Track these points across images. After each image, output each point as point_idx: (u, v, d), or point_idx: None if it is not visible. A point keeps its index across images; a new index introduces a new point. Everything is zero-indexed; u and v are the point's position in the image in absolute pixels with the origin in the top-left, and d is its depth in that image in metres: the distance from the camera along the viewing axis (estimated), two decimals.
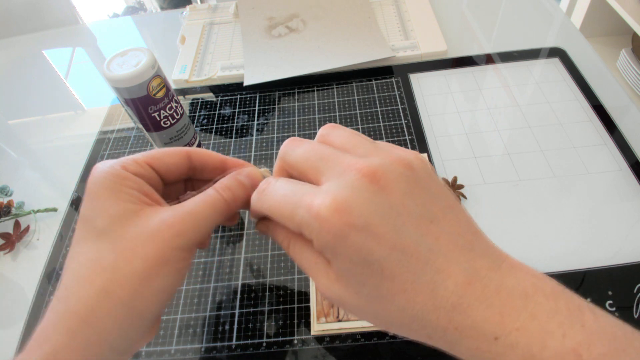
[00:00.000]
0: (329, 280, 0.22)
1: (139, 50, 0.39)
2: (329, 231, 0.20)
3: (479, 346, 0.19)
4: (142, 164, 0.24)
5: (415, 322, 0.20)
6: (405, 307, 0.20)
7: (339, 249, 0.20)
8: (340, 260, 0.21)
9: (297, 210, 0.21)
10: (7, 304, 0.42)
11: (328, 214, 0.20)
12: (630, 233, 0.39)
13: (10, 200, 0.48)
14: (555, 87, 0.53)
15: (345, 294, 0.22)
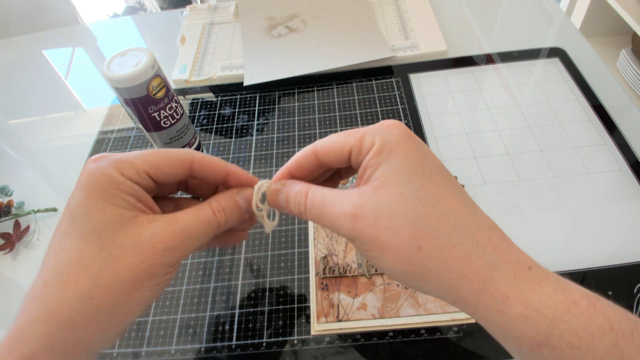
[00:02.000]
0: (363, 195, 0.22)
1: (139, 50, 0.39)
2: (398, 132, 0.23)
3: (517, 272, 0.20)
4: (141, 172, 0.24)
5: (456, 232, 0.21)
6: (448, 213, 0.21)
7: (400, 146, 0.22)
8: (396, 157, 0.22)
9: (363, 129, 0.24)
10: (7, 304, 0.42)
11: (396, 124, 0.23)
12: (630, 233, 0.39)
13: (10, 200, 0.48)
14: (555, 87, 0.53)
15: (385, 199, 0.22)
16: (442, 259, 0.21)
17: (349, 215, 0.22)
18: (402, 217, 0.21)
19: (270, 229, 0.28)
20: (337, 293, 0.38)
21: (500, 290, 0.20)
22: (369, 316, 0.36)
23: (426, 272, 0.21)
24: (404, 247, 0.21)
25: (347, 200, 0.23)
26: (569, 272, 0.37)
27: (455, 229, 0.21)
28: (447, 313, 0.35)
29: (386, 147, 0.22)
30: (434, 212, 0.21)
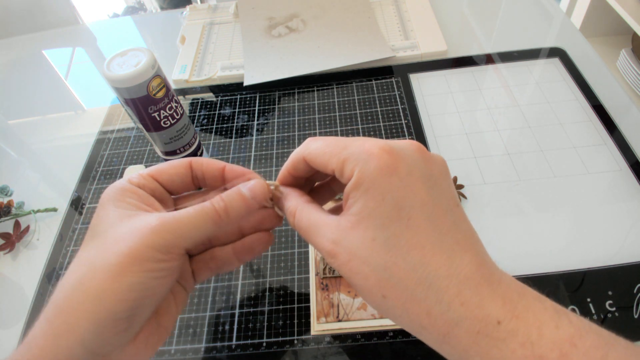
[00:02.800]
0: (341, 231, 0.22)
1: (139, 50, 0.39)
2: (376, 165, 0.21)
3: (481, 329, 0.19)
4: (146, 176, 0.26)
5: (421, 286, 0.20)
6: (417, 265, 0.20)
7: (378, 184, 0.21)
8: (372, 198, 0.21)
9: (346, 150, 0.23)
10: (7, 304, 0.42)
11: (379, 152, 0.22)
12: (630, 233, 0.39)
13: (10, 200, 0.48)
14: (555, 87, 0.53)
15: (358, 241, 0.21)
16: (405, 310, 0.21)
17: (327, 250, 0.23)
18: (371, 264, 0.21)
19: None
20: (337, 293, 0.38)
21: (460, 345, 0.20)
22: (369, 316, 0.36)
23: (392, 316, 0.22)
24: (371, 292, 0.22)
25: (327, 234, 0.23)
26: (569, 272, 0.37)
27: (420, 284, 0.20)
28: None
29: (364, 182, 0.22)
30: (402, 263, 0.21)
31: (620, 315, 0.34)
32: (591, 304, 0.35)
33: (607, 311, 0.34)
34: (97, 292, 0.21)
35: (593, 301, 0.35)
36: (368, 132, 0.51)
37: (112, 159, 0.53)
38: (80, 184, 0.51)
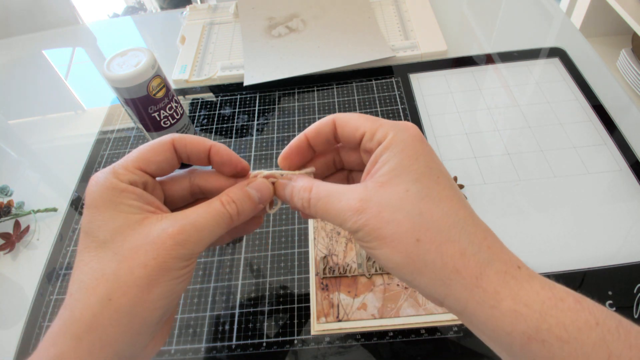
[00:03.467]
0: (369, 190, 0.23)
1: (139, 50, 0.39)
2: (410, 133, 0.24)
3: (507, 270, 0.21)
4: (133, 169, 0.25)
5: (455, 229, 0.22)
6: (449, 212, 0.22)
7: (412, 146, 0.24)
8: (407, 157, 0.23)
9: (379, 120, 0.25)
10: (7, 304, 0.42)
11: (411, 125, 0.25)
12: (630, 233, 0.39)
13: (10, 200, 0.48)
14: (555, 87, 0.53)
15: (390, 194, 0.23)
16: (439, 253, 0.22)
17: (354, 209, 0.23)
18: (405, 211, 0.22)
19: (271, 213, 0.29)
20: (337, 293, 0.38)
21: (491, 285, 0.21)
22: (369, 316, 0.36)
23: (421, 264, 0.22)
24: (403, 238, 0.22)
25: (353, 195, 0.24)
26: (569, 272, 0.37)
27: (454, 227, 0.22)
28: (447, 313, 0.35)
29: (398, 144, 0.24)
30: (436, 210, 0.22)
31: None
32: None
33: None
34: (130, 307, 0.22)
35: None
36: None
37: (112, 159, 0.53)
38: (80, 184, 0.51)
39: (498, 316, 0.21)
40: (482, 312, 0.21)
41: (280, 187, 0.27)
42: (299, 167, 0.28)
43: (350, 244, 0.41)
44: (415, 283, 0.23)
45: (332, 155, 0.30)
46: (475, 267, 0.21)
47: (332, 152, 0.30)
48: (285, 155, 0.28)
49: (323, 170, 0.30)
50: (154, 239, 0.22)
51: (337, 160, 0.30)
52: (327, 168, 0.30)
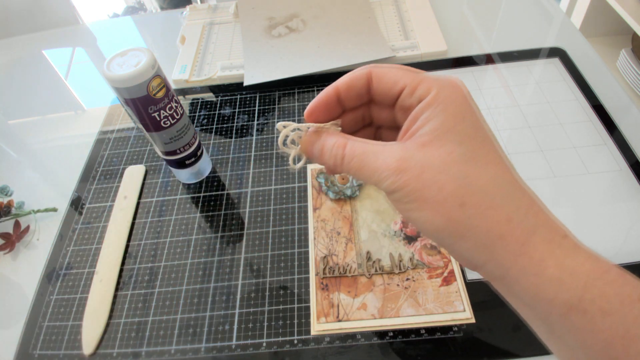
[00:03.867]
0: (408, 150, 0.22)
1: (139, 50, 0.39)
2: (458, 90, 0.23)
3: (553, 238, 0.21)
4: None
5: (501, 194, 0.21)
6: (495, 176, 0.21)
7: (459, 105, 0.22)
8: (452, 116, 0.22)
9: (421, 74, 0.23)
10: (7, 304, 0.42)
11: (455, 80, 0.23)
12: (630, 233, 0.39)
13: (10, 200, 0.48)
14: (555, 87, 0.53)
15: (433, 155, 0.22)
16: (484, 218, 0.21)
17: (393, 168, 0.22)
18: (449, 173, 0.21)
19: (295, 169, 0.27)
20: (337, 293, 0.38)
21: (537, 253, 0.20)
22: (369, 316, 0.36)
23: (464, 229, 0.21)
24: (446, 201, 0.21)
25: (391, 154, 0.23)
26: None
27: (500, 192, 0.21)
28: (447, 313, 0.35)
29: (442, 100, 0.22)
30: (482, 173, 0.21)
31: None
32: None
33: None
34: None
35: None
36: None
37: (112, 159, 0.53)
38: (80, 184, 0.51)
39: (541, 284, 0.20)
40: (525, 279, 0.21)
41: (309, 142, 0.26)
42: (326, 120, 0.26)
43: (351, 244, 0.41)
44: (454, 247, 0.22)
45: (361, 111, 0.28)
46: (521, 234, 0.21)
47: (362, 107, 0.28)
48: (311, 109, 0.26)
49: (350, 127, 0.28)
50: None
51: (365, 116, 0.28)
52: (355, 124, 0.28)
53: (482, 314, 0.35)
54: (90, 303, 0.40)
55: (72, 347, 0.38)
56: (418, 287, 0.37)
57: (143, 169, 0.51)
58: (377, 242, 0.40)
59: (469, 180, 0.21)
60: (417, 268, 0.38)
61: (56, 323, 0.39)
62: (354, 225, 0.42)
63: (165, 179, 0.50)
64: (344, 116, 0.27)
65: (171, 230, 0.45)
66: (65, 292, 0.41)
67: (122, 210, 0.46)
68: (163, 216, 0.46)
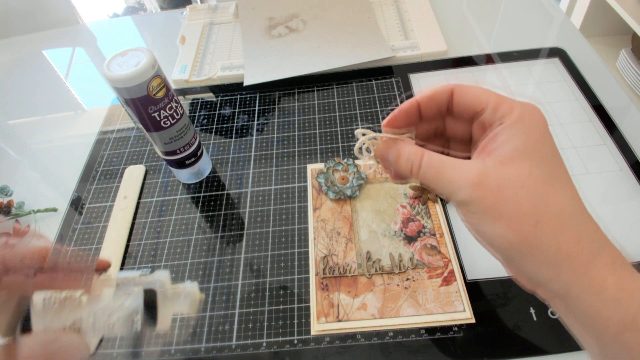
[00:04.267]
0: (487, 166, 0.23)
1: (139, 50, 0.39)
2: (539, 115, 0.24)
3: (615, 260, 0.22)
4: None
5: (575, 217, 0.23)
6: (571, 199, 0.23)
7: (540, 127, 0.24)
8: (533, 137, 0.23)
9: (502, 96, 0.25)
10: None
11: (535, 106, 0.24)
12: (630, 233, 0.39)
13: (10, 200, 0.48)
14: (555, 87, 0.53)
15: (512, 173, 0.23)
16: (555, 237, 0.22)
17: (470, 181, 0.23)
18: (528, 192, 0.23)
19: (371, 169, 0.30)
20: (337, 293, 0.38)
21: (599, 274, 0.22)
22: (369, 316, 0.36)
23: (535, 247, 0.22)
24: (522, 219, 0.22)
25: (470, 168, 0.24)
26: None
27: (574, 215, 0.23)
28: (447, 313, 0.35)
29: (524, 122, 0.23)
30: (560, 195, 0.23)
31: None
32: None
33: None
34: None
35: None
36: None
37: (112, 159, 0.53)
38: (80, 184, 0.51)
39: (599, 303, 0.22)
40: (585, 298, 0.22)
41: (385, 149, 0.27)
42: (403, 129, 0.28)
43: (351, 244, 0.41)
44: (521, 263, 0.23)
45: (436, 123, 0.29)
46: (587, 255, 0.22)
47: (437, 119, 0.29)
48: (393, 117, 0.27)
49: (422, 137, 0.30)
50: None
51: (439, 128, 0.29)
52: (427, 135, 0.30)
53: (482, 314, 0.35)
54: None
55: None
56: (418, 287, 0.37)
57: (143, 169, 0.51)
58: (377, 242, 0.40)
59: (547, 201, 0.22)
60: (417, 268, 0.38)
61: None
62: (354, 225, 0.42)
63: (165, 179, 0.50)
64: (420, 126, 0.29)
65: (171, 230, 0.45)
66: None
67: (122, 210, 0.46)
68: (163, 216, 0.46)
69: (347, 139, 0.50)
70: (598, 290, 0.22)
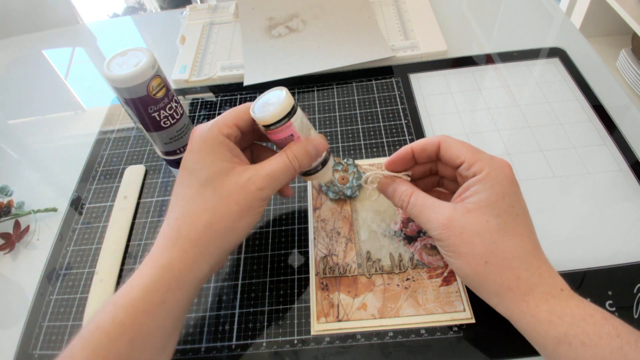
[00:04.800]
0: (457, 212, 0.29)
1: (139, 50, 0.39)
2: (505, 173, 0.30)
3: (550, 291, 0.28)
4: (232, 125, 0.32)
5: (517, 259, 0.28)
6: (517, 245, 0.29)
7: (502, 186, 0.29)
8: (495, 194, 0.29)
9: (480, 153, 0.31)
10: (7, 304, 0.42)
11: (507, 166, 0.30)
12: (630, 233, 0.39)
13: (10, 200, 0.48)
14: (555, 87, 0.53)
15: (473, 221, 0.29)
16: (499, 275, 0.28)
17: (441, 222, 0.30)
18: (482, 237, 0.28)
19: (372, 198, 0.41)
20: (337, 293, 0.38)
21: (534, 301, 0.27)
22: (369, 316, 0.36)
23: (484, 280, 0.29)
24: (475, 258, 0.29)
25: (442, 212, 0.30)
26: (569, 272, 0.37)
27: (516, 258, 0.28)
28: (447, 313, 0.35)
29: (489, 180, 0.29)
30: (507, 242, 0.28)
31: (620, 315, 0.34)
32: None
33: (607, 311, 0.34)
34: (224, 232, 0.30)
35: (593, 301, 0.35)
36: (368, 132, 0.51)
37: (112, 158, 0.53)
38: (80, 184, 0.51)
39: (536, 323, 0.27)
40: (525, 320, 0.28)
41: (385, 184, 0.35)
42: (401, 171, 0.35)
43: (351, 244, 0.41)
44: (477, 290, 0.31)
45: (430, 166, 0.36)
46: (525, 288, 0.28)
47: (430, 163, 0.36)
48: (391, 161, 0.35)
49: (419, 175, 0.36)
50: (242, 185, 0.30)
51: (432, 169, 0.36)
52: (423, 174, 0.36)
53: (482, 314, 0.35)
54: (91, 303, 0.40)
55: None
56: (418, 287, 0.37)
57: (143, 169, 0.51)
58: (377, 242, 0.40)
59: (495, 246, 0.28)
60: (417, 268, 0.38)
61: (56, 323, 0.39)
62: (354, 225, 0.42)
63: (165, 179, 0.50)
64: (415, 167, 0.36)
65: None
66: (65, 292, 0.41)
67: (122, 210, 0.46)
68: (163, 216, 0.46)
69: (347, 139, 0.50)
70: (534, 313, 0.27)
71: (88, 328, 0.26)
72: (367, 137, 0.50)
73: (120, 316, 0.26)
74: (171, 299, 0.28)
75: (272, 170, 0.31)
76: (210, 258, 0.30)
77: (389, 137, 0.50)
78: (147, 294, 0.27)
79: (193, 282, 0.29)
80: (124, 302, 0.26)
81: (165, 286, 0.27)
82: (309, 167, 0.34)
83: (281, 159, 0.31)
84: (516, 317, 0.28)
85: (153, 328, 0.27)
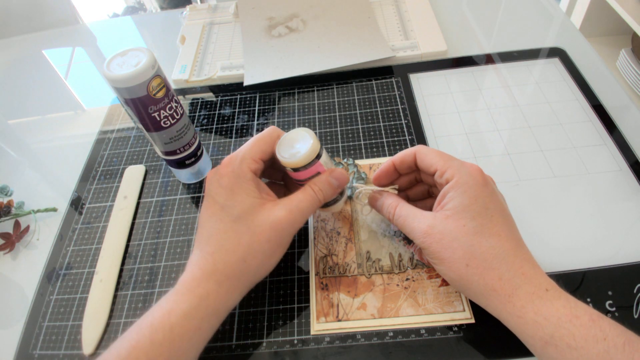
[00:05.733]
0: (436, 219, 0.31)
1: (139, 50, 0.39)
2: (475, 179, 0.31)
3: (535, 292, 0.28)
4: (258, 160, 0.34)
5: (497, 260, 0.29)
6: (495, 246, 0.29)
7: (474, 190, 0.30)
8: (467, 198, 0.30)
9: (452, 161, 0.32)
10: (7, 304, 0.42)
11: (477, 170, 0.32)
12: (630, 233, 0.39)
13: (10, 200, 0.48)
14: (555, 87, 0.53)
15: (451, 226, 0.30)
16: (482, 276, 0.29)
17: (423, 231, 0.31)
18: (460, 241, 0.29)
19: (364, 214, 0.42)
20: (336, 293, 0.38)
21: (519, 302, 0.28)
22: (369, 316, 0.36)
23: (468, 283, 0.29)
24: (456, 262, 0.30)
25: (423, 220, 0.31)
26: (569, 272, 0.37)
27: (496, 258, 0.29)
28: (446, 313, 0.35)
29: (461, 186, 0.31)
30: (485, 243, 0.29)
31: (620, 315, 0.34)
32: (591, 304, 0.35)
33: (607, 311, 0.34)
34: (257, 268, 0.32)
35: (593, 301, 0.35)
36: (368, 132, 0.51)
37: (112, 158, 0.53)
38: (80, 184, 0.51)
39: (523, 324, 0.28)
40: (512, 321, 0.28)
41: (374, 198, 0.37)
42: (388, 184, 0.38)
43: (350, 244, 0.41)
44: (465, 293, 0.32)
45: (414, 175, 0.38)
46: (509, 288, 0.28)
47: (413, 173, 0.37)
48: (376, 176, 0.37)
49: (407, 185, 0.38)
50: (274, 222, 0.31)
51: (418, 178, 0.38)
52: (410, 183, 0.38)
53: (482, 314, 0.35)
54: (90, 303, 0.40)
55: (72, 347, 0.38)
56: (418, 287, 0.37)
57: (143, 169, 0.51)
58: (376, 242, 0.40)
59: (473, 248, 0.29)
60: (416, 268, 0.38)
61: (56, 323, 0.39)
62: (354, 225, 0.42)
63: (165, 179, 0.50)
64: (401, 178, 0.38)
65: (171, 230, 0.45)
66: (65, 292, 0.41)
67: (122, 210, 0.46)
68: (163, 216, 0.46)
69: (347, 139, 0.50)
70: (520, 314, 0.28)
71: (123, 345, 0.28)
72: (367, 137, 0.50)
73: (159, 339, 0.28)
74: (206, 325, 0.30)
75: (300, 205, 0.32)
76: (243, 289, 0.32)
77: (389, 137, 0.50)
78: (185, 321, 0.29)
79: (225, 310, 0.32)
80: (162, 325, 0.28)
81: (201, 313, 0.30)
82: (332, 198, 0.35)
83: (307, 193, 0.33)
84: (504, 318, 0.29)
85: (187, 350, 0.29)
